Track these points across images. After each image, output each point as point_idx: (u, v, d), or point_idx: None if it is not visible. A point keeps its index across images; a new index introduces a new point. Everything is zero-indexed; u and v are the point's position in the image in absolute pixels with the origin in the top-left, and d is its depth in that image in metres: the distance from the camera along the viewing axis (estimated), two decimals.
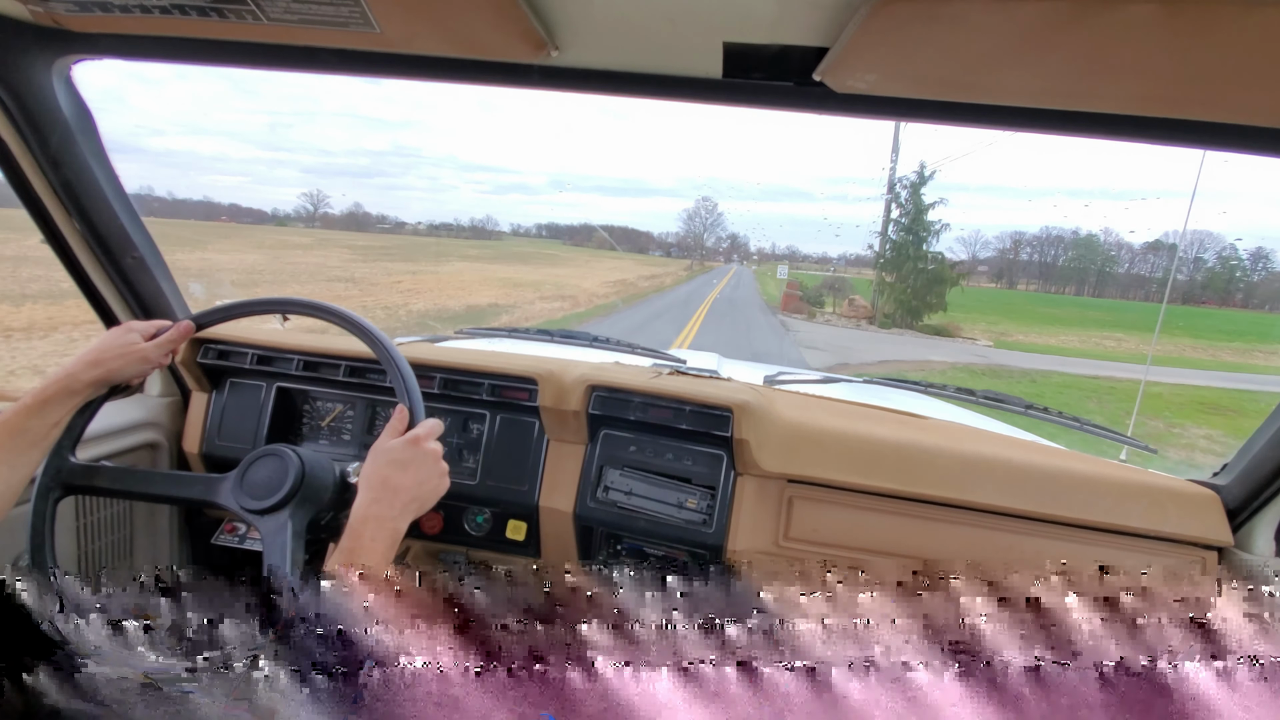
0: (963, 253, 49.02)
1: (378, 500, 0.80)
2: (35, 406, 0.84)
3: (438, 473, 0.87)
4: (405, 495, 0.82)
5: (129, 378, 0.95)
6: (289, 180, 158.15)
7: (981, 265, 54.54)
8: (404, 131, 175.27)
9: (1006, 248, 58.43)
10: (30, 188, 1.10)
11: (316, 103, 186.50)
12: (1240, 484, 1.13)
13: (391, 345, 0.99)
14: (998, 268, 56.62)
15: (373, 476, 0.82)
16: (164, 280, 1.31)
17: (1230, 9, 0.54)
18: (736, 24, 0.75)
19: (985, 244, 58.32)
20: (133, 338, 0.94)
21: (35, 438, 0.85)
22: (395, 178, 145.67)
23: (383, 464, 0.84)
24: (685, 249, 51.46)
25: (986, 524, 1.16)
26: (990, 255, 57.40)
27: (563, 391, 1.24)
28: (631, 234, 45.13)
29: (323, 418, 1.41)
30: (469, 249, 45.07)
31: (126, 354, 0.92)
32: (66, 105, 1.06)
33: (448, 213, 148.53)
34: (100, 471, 0.96)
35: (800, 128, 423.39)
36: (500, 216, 78.75)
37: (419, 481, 0.84)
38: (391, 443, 0.86)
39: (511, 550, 1.34)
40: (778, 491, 1.21)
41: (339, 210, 59.05)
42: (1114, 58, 0.65)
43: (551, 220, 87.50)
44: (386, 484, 0.81)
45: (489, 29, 0.79)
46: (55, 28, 0.91)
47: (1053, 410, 1.38)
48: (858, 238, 48.35)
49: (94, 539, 1.27)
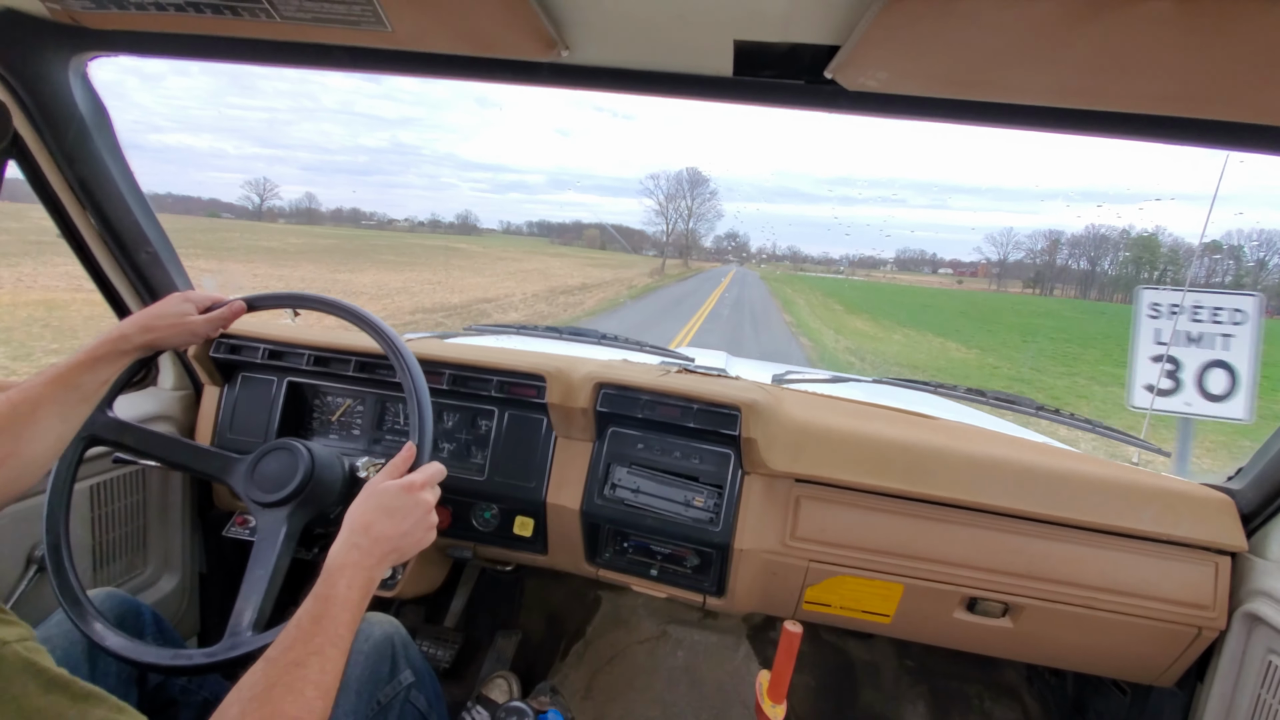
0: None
1: (358, 546, 0.76)
2: (88, 362, 0.86)
3: (425, 525, 0.84)
4: (386, 545, 0.78)
5: (175, 346, 0.98)
6: (289, 178, 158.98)
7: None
8: (403, 129, 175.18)
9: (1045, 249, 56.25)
10: (47, 183, 1.12)
11: (315, 100, 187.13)
12: (1255, 489, 1.11)
13: (420, 377, 0.98)
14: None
15: (357, 520, 0.79)
16: (177, 275, 1.33)
17: (1249, 5, 0.53)
18: (747, 22, 0.75)
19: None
20: (188, 308, 0.97)
21: (87, 393, 0.86)
22: (394, 175, 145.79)
23: (371, 507, 0.80)
24: (663, 247, 40.56)
25: (996, 526, 1.15)
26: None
27: (571, 389, 1.25)
28: (625, 232, 41.53)
29: (333, 412, 1.42)
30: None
31: (179, 324, 0.95)
32: (83, 101, 1.07)
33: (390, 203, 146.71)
34: (129, 429, 1.00)
35: (803, 128, 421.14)
36: (493, 214, 77.37)
37: (403, 533, 0.80)
38: (387, 484, 0.83)
39: (519, 546, 1.34)
40: (785, 491, 1.20)
41: (287, 202, 56.64)
42: (1130, 55, 0.64)
43: (543, 218, 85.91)
44: (369, 530, 0.78)
45: (500, 27, 0.80)
46: (72, 25, 0.92)
47: (1064, 412, 1.37)
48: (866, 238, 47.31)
49: (108, 529, 1.29)
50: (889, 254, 70.03)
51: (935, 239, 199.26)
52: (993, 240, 66.53)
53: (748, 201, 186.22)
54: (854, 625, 1.27)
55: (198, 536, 1.52)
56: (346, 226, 51.97)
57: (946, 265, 72.69)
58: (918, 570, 1.16)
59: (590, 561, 1.32)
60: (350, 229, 49.23)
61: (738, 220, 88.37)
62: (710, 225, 44.84)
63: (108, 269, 1.26)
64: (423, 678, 1.01)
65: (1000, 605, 1.17)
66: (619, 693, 1.68)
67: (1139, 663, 1.18)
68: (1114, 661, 1.20)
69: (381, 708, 0.92)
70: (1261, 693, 1.05)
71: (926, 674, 1.73)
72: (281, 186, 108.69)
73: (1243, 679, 1.09)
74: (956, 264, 72.80)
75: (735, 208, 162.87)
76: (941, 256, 75.41)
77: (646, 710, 1.64)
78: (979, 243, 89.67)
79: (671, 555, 1.28)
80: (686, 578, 1.28)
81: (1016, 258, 62.29)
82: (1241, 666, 1.10)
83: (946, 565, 1.15)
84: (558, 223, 55.79)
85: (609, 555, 1.31)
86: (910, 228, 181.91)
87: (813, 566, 1.18)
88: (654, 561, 1.29)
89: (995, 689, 1.69)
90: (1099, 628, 1.14)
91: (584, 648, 1.79)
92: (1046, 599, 1.13)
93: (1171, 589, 1.11)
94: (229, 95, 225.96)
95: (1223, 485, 1.18)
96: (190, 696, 1.07)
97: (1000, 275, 63.84)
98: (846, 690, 1.71)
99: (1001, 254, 63.41)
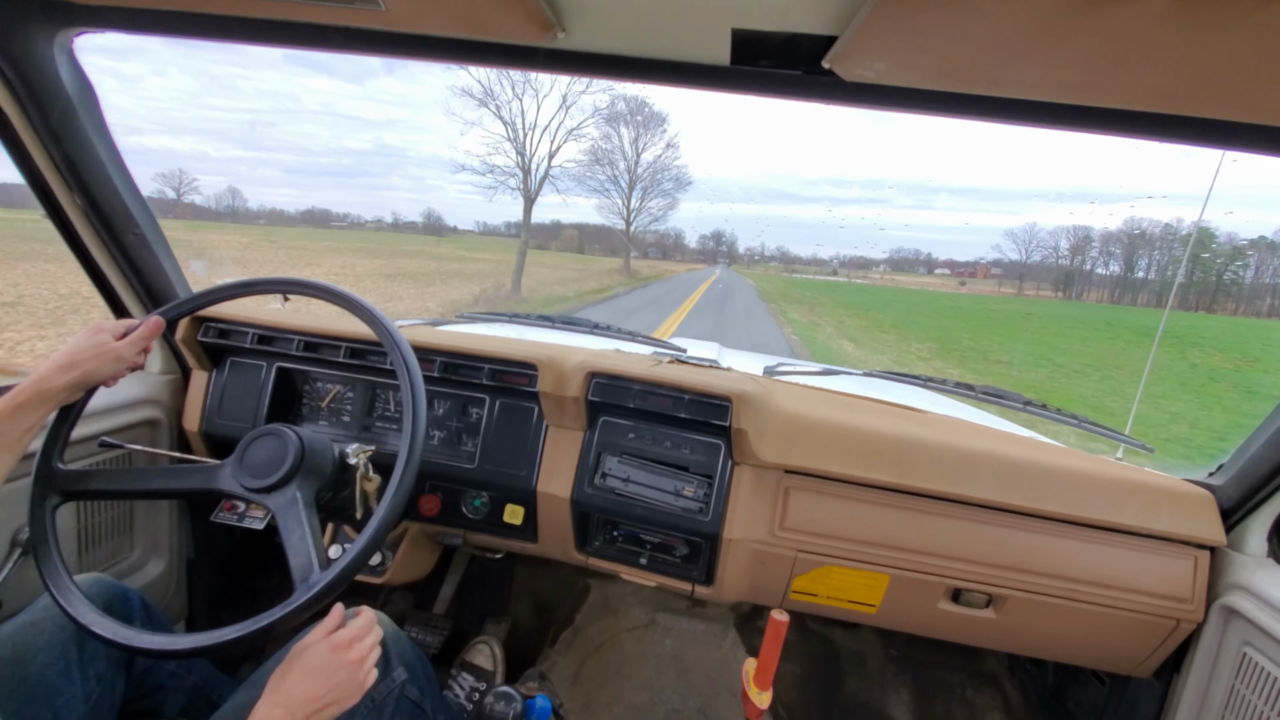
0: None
1: (277, 705, 0.75)
2: (7, 411, 0.83)
3: (353, 684, 0.81)
4: (309, 707, 0.77)
5: (106, 378, 0.93)
6: (271, 180, 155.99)
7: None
8: (387, 131, 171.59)
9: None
10: (32, 161, 1.10)
11: (297, 101, 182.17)
12: (1235, 484, 1.13)
13: (413, 361, 0.97)
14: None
15: (280, 682, 0.78)
16: (165, 258, 1.31)
17: (1247, 3, 0.54)
18: (746, 10, 0.74)
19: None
20: (104, 337, 0.93)
21: (7, 442, 0.83)
22: (378, 178, 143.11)
23: (296, 669, 0.79)
24: (625, 243, 27.22)
25: (981, 518, 1.17)
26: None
27: (563, 377, 1.24)
28: (604, 232, 37.05)
29: (322, 398, 1.41)
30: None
31: (100, 354, 0.91)
32: (68, 78, 1.05)
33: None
34: (94, 475, 0.97)
35: (790, 127, 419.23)
36: (470, 214, 74.22)
37: (322, 695, 0.78)
38: (311, 643, 0.82)
39: (509, 534, 1.34)
40: (775, 482, 1.21)
41: (209, 197, 53.12)
42: (1127, 51, 0.65)
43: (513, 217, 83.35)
44: (290, 693, 0.77)
45: (496, 9, 0.79)
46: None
47: (1050, 407, 1.38)
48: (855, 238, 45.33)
49: (95, 513, 1.28)
50: (880, 254, 68.36)
51: (928, 239, 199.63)
52: (1013, 238, 62.16)
53: (736, 202, 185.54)
54: (840, 615, 1.28)
55: (185, 521, 1.52)
56: (305, 227, 48.94)
57: (942, 265, 71.44)
58: (904, 561, 1.17)
59: (580, 550, 1.32)
60: (280, 228, 45.56)
61: (726, 222, 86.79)
62: (670, 200, 25.04)
63: (94, 251, 1.23)
64: (414, 669, 1.01)
65: (984, 596, 1.19)
66: (607, 679, 1.69)
67: (1118, 653, 1.20)
68: (1094, 652, 1.22)
69: (376, 705, 0.92)
70: (1236, 684, 1.08)
71: (910, 663, 1.76)
72: (201, 179, 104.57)
73: (1218, 670, 1.12)
74: (952, 264, 71.55)
75: (724, 208, 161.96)
76: (936, 256, 74.06)
77: (634, 697, 1.66)
78: (999, 241, 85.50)
79: (661, 544, 1.29)
80: (675, 566, 1.29)
81: (1036, 258, 58.62)
82: (1217, 658, 1.12)
83: (932, 556, 1.17)
84: (538, 223, 53.80)
85: (599, 544, 1.32)
86: (897, 227, 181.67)
87: (800, 557, 1.19)
88: (643, 550, 1.30)
89: (977, 678, 1.72)
90: (1080, 619, 1.16)
91: (573, 635, 1.80)
92: (1029, 590, 1.15)
93: (1151, 582, 1.13)
94: (209, 96, 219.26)
95: (1203, 481, 1.20)
96: (178, 681, 1.07)
97: (1022, 277, 59.90)
98: (831, 678, 1.73)
99: (1024, 254, 59.00)
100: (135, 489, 1.00)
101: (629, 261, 27.33)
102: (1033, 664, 1.64)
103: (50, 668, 0.88)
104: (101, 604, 0.91)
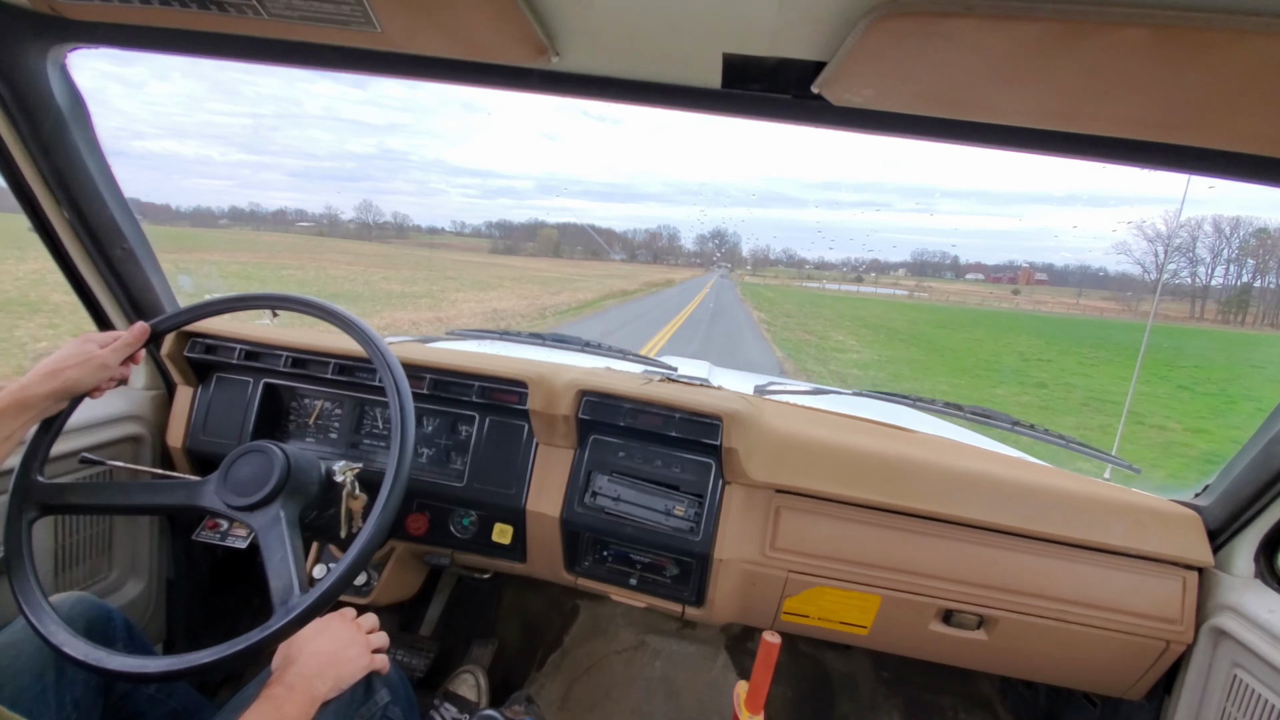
0: None
1: (282, 655, 0.82)
2: None
3: (359, 658, 0.90)
4: (314, 661, 0.84)
5: (89, 387, 0.92)
6: (275, 184, 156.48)
7: None
8: (390, 135, 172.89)
9: None
10: (20, 174, 1.09)
11: (300, 105, 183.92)
12: (1221, 505, 1.14)
13: (400, 375, 0.96)
14: None
15: (289, 644, 0.85)
16: (153, 273, 1.30)
17: (1222, 35, 0.55)
18: (737, 35, 0.76)
19: None
20: (89, 346, 0.92)
21: None
22: (382, 182, 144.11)
23: (309, 631, 0.86)
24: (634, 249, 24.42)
25: (970, 538, 1.17)
26: None
27: (553, 395, 1.24)
28: (583, 233, 35.83)
29: (309, 415, 1.39)
30: None
31: (85, 362, 0.89)
32: (60, 94, 1.05)
33: None
34: (74, 488, 0.95)
35: (791, 135, 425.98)
36: (447, 215, 73.49)
37: (330, 655, 0.86)
38: (331, 616, 0.91)
39: (497, 554, 1.33)
40: (765, 501, 1.21)
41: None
42: (1106, 81, 0.66)
43: (503, 218, 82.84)
44: (302, 647, 0.84)
45: (490, 32, 0.80)
46: (52, 15, 0.90)
47: (1039, 427, 1.39)
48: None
49: (73, 532, 1.25)
50: (900, 257, 62.98)
51: (938, 243, 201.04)
52: (1142, 232, 44.43)
53: (736, 206, 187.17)
54: (831, 636, 1.27)
55: (166, 541, 1.48)
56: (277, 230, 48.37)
57: (972, 269, 67.14)
58: (895, 582, 1.17)
59: (569, 570, 1.31)
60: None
61: (725, 224, 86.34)
62: None
63: (81, 265, 1.22)
64: (397, 691, 0.99)
65: (975, 617, 1.18)
66: (595, 703, 1.66)
67: (1109, 675, 1.20)
68: (1085, 674, 1.22)
69: None
70: (1227, 706, 1.07)
71: (902, 685, 1.74)
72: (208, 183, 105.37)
73: (1209, 692, 1.12)
74: (982, 267, 67.07)
75: (723, 213, 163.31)
76: (963, 260, 67.72)
77: None
78: (1119, 244, 66.75)
79: (651, 564, 1.27)
80: (666, 587, 1.27)
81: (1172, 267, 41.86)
82: (1208, 680, 1.12)
83: (923, 577, 1.16)
84: (517, 223, 52.87)
85: (588, 564, 1.30)
86: (902, 231, 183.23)
87: (791, 577, 1.19)
88: (633, 570, 1.29)
89: (969, 701, 1.70)
90: (1070, 640, 1.16)
91: (561, 657, 1.77)
92: (1020, 611, 1.15)
93: (1140, 603, 1.13)
94: (212, 101, 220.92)
95: (1190, 501, 1.21)
96: (158, 707, 1.04)
97: (1196, 296, 43.76)
98: (823, 702, 1.71)
99: (1157, 262, 43.10)
100: (117, 504, 0.98)
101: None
102: (1025, 687, 1.63)
103: (26, 691, 0.85)
104: (83, 624, 0.89)
